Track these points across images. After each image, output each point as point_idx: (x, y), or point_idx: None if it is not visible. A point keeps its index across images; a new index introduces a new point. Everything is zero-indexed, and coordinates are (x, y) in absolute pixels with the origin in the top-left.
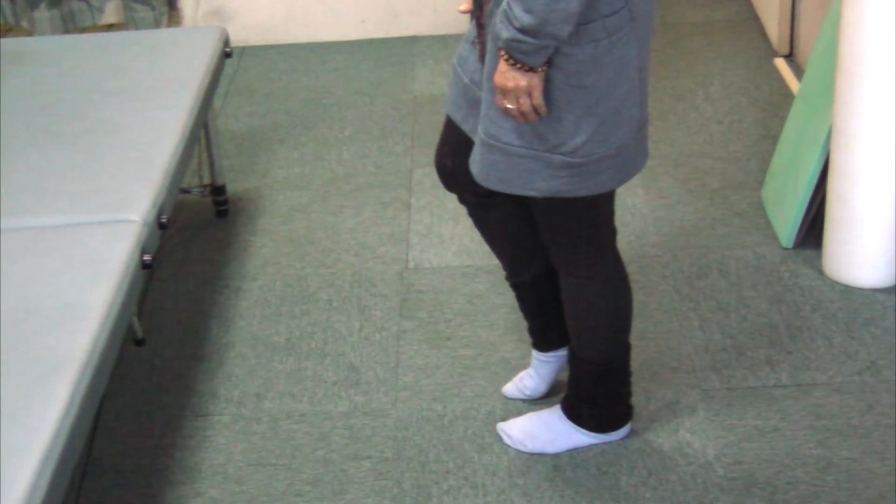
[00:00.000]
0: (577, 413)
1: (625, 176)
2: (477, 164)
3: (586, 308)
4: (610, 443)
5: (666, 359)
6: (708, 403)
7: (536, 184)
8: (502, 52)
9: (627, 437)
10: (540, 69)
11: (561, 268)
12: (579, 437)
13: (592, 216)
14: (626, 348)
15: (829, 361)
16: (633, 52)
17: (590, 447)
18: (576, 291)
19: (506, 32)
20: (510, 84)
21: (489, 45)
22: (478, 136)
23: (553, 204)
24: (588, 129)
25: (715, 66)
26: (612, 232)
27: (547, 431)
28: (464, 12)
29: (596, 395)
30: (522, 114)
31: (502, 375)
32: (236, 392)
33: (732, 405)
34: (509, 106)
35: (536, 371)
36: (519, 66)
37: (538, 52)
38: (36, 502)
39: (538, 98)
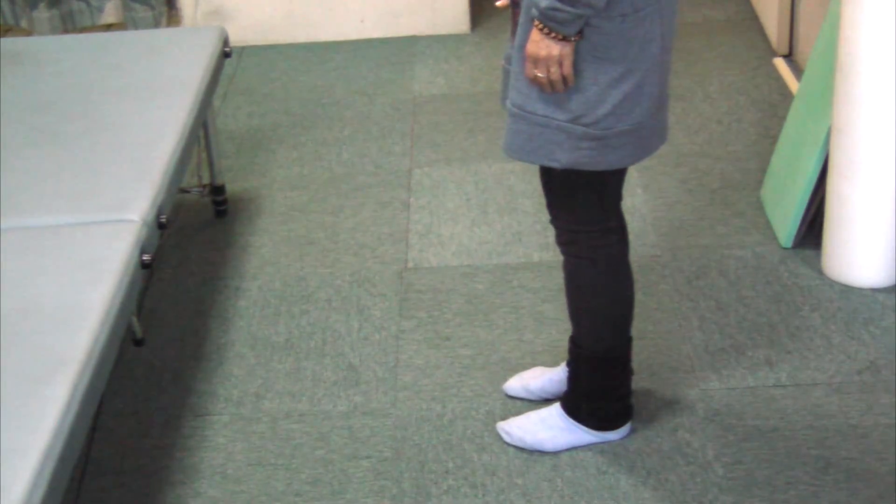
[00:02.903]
0: (577, 410)
1: (642, 153)
2: (504, 137)
3: (586, 290)
4: (609, 443)
5: (665, 359)
6: (707, 403)
7: (558, 155)
8: (537, 22)
9: (627, 437)
10: (572, 38)
11: (565, 247)
12: (579, 435)
13: (601, 193)
14: (626, 340)
15: (829, 361)
16: (657, 31)
17: (589, 446)
18: (577, 272)
19: (544, 2)
20: (543, 52)
21: (521, 19)
22: (507, 109)
23: (569, 176)
24: (611, 101)
25: (714, 65)
26: (617, 215)
27: (546, 428)
28: (502, 7)
29: (595, 388)
30: (551, 83)
31: (501, 375)
32: (235, 392)
33: (731, 405)
34: (539, 75)
35: (553, 377)
36: (553, 34)
37: (574, 20)
38: (35, 502)
39: (568, 67)
